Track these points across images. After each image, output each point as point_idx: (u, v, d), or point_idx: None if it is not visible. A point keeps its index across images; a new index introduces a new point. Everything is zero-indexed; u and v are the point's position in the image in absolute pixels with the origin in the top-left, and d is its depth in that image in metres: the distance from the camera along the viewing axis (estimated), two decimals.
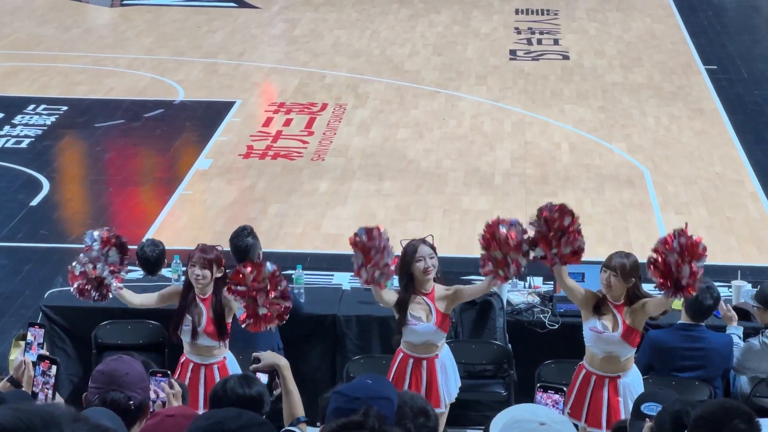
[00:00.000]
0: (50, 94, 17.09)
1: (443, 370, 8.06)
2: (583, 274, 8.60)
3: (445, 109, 16.69)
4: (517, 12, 22.26)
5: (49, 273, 11.42)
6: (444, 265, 8.73)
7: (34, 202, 13.38)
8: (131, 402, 4.75)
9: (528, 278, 9.68)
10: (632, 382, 7.83)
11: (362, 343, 9.16)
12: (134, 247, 9.76)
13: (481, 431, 8.79)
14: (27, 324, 5.87)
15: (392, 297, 8.00)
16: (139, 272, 9.55)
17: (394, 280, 8.37)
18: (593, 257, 8.74)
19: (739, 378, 8.61)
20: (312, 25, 21.16)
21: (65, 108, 16.50)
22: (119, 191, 13.97)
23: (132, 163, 14.82)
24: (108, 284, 7.77)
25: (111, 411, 4.58)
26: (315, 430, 4.55)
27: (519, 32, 20.90)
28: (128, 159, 14.93)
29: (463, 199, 13.52)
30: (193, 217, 13.18)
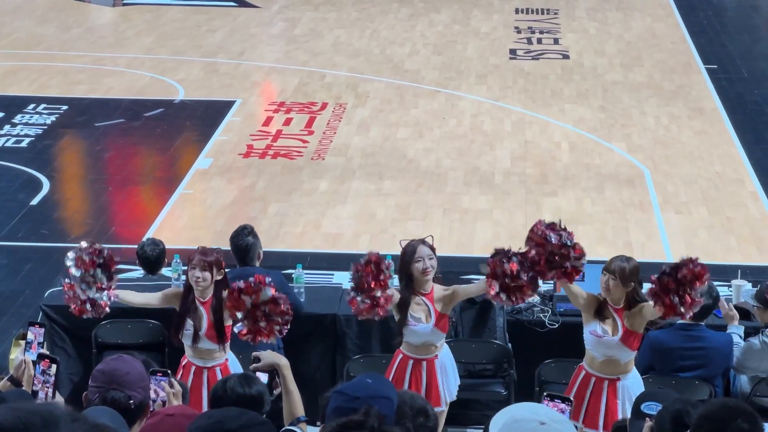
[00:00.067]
0: (50, 94, 17.09)
1: (443, 370, 8.06)
2: (584, 274, 8.58)
3: (445, 109, 16.68)
4: (517, 11, 22.25)
5: (50, 272, 11.42)
6: (443, 265, 8.73)
7: (34, 202, 13.38)
8: (131, 401, 4.75)
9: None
10: (632, 385, 7.82)
11: (362, 343, 9.16)
12: (134, 247, 9.78)
13: (481, 430, 8.80)
14: (27, 323, 5.86)
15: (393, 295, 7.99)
16: (140, 271, 9.55)
17: (395, 280, 8.37)
18: (594, 257, 8.74)
19: (740, 377, 8.61)
20: (312, 25, 21.16)
21: (65, 107, 16.50)
22: (119, 190, 13.96)
23: (132, 163, 14.81)
24: (100, 303, 7.64)
25: (113, 410, 4.58)
26: (315, 430, 4.55)
27: (519, 31, 20.89)
28: (128, 158, 14.93)
29: (463, 199, 13.52)
30: (194, 217, 13.18)
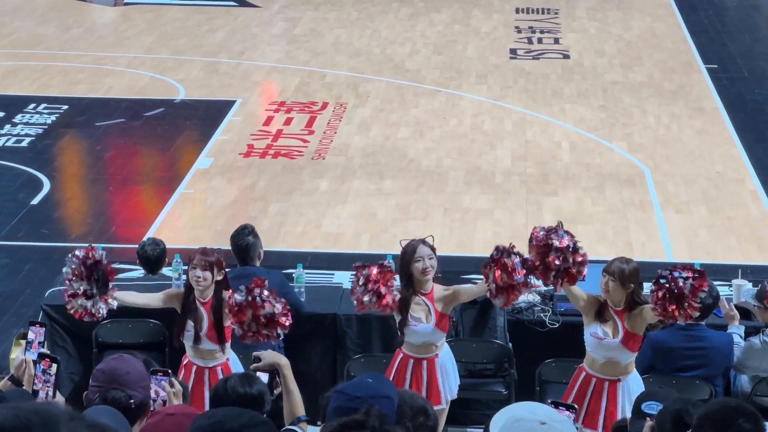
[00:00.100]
0: (51, 93, 17.09)
1: (443, 370, 8.06)
2: (584, 274, 8.57)
3: (446, 108, 16.68)
4: (518, 11, 22.25)
5: (50, 272, 11.42)
6: (444, 264, 8.73)
7: (35, 201, 13.38)
8: (132, 401, 4.74)
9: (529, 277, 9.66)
10: (632, 385, 7.82)
11: (363, 342, 9.16)
12: (134, 246, 9.78)
13: (482, 430, 8.80)
14: (28, 323, 5.86)
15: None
16: (140, 271, 9.55)
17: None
18: (594, 256, 8.73)
19: (740, 377, 8.61)
20: (312, 24, 21.16)
21: (65, 107, 16.50)
22: (120, 190, 13.97)
23: (132, 162, 14.81)
24: (98, 310, 7.63)
25: (115, 410, 4.58)
26: (316, 429, 4.55)
27: (519, 31, 20.89)
28: (129, 158, 14.93)
29: (464, 198, 13.52)
30: (194, 216, 13.18)
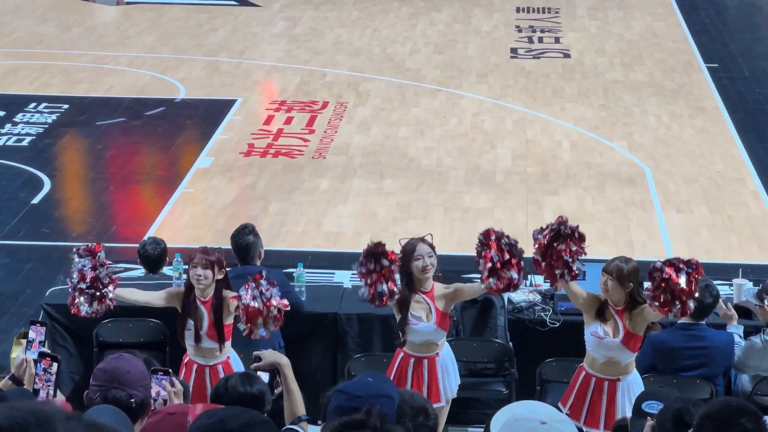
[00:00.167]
0: (51, 93, 17.09)
1: (444, 368, 8.06)
2: (584, 273, 8.58)
3: (446, 108, 16.68)
4: (518, 10, 22.24)
5: (51, 271, 11.43)
6: (444, 263, 8.73)
7: (36, 201, 13.38)
8: (132, 400, 4.74)
9: (529, 277, 9.68)
10: (632, 385, 7.82)
11: (363, 342, 9.15)
12: (135, 246, 9.78)
13: (482, 429, 8.80)
14: (28, 322, 5.86)
15: None
16: (141, 270, 9.55)
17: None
18: (594, 255, 8.74)
19: (741, 376, 8.61)
20: (313, 24, 21.15)
21: (66, 106, 16.50)
22: (120, 189, 13.96)
23: (133, 162, 14.81)
24: (98, 309, 7.68)
25: (118, 409, 4.58)
26: (316, 429, 4.55)
27: (520, 30, 20.88)
28: (129, 157, 14.93)
29: (464, 198, 13.52)
30: (194, 216, 13.18)
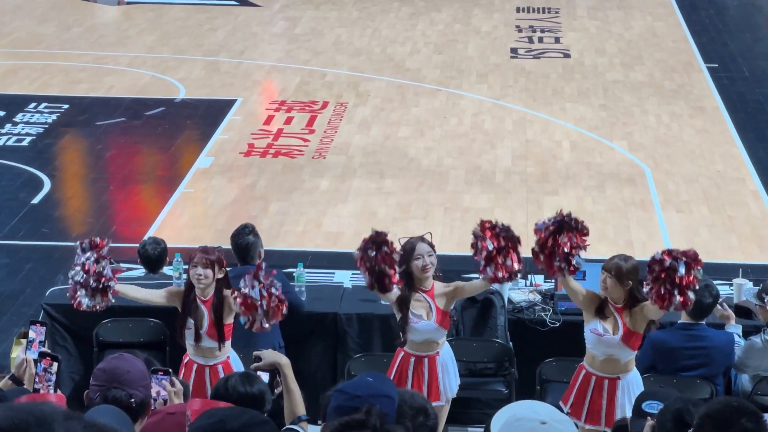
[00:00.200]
0: (51, 93, 17.09)
1: (444, 368, 8.06)
2: (584, 273, 8.58)
3: (446, 108, 16.67)
4: (518, 10, 22.24)
5: (51, 271, 11.43)
6: (444, 263, 8.73)
7: (36, 201, 13.37)
8: (132, 400, 4.74)
9: (529, 276, 9.69)
10: (632, 383, 7.83)
11: (363, 341, 9.15)
12: (135, 246, 9.78)
13: (482, 429, 8.80)
14: (28, 322, 5.86)
15: (392, 293, 7.99)
16: (141, 270, 9.55)
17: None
18: (594, 255, 8.73)
19: (741, 376, 8.61)
20: (313, 24, 21.15)
21: (66, 106, 16.49)
22: (120, 189, 13.96)
23: (133, 161, 14.81)
24: (98, 303, 7.69)
25: (119, 409, 4.57)
26: (316, 429, 4.54)
27: (520, 30, 20.88)
28: (129, 157, 14.92)
29: (464, 197, 13.52)
30: (194, 216, 13.18)
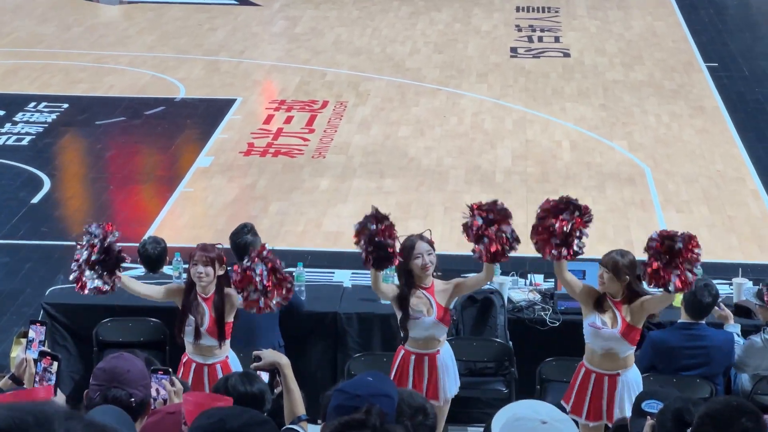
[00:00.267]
0: (51, 92, 17.09)
1: (444, 368, 8.06)
2: (584, 272, 8.59)
3: (446, 107, 16.68)
4: (518, 9, 22.25)
5: (51, 271, 11.42)
6: (444, 263, 8.73)
7: (35, 200, 13.37)
8: (132, 399, 4.74)
9: (529, 276, 9.69)
10: (632, 380, 7.84)
11: (363, 341, 9.15)
12: (135, 245, 9.77)
13: (482, 429, 8.79)
14: (28, 321, 5.86)
15: (390, 289, 7.99)
16: (141, 270, 9.55)
17: (394, 278, 8.37)
18: (595, 255, 8.74)
19: (740, 375, 8.61)
20: (313, 23, 21.16)
21: (66, 105, 16.49)
22: (120, 189, 13.96)
23: (133, 161, 14.81)
24: (101, 289, 7.68)
25: (120, 409, 4.57)
26: (316, 428, 4.55)
27: (520, 30, 20.89)
28: (129, 157, 14.92)
29: (464, 197, 13.47)
30: (194, 215, 13.18)
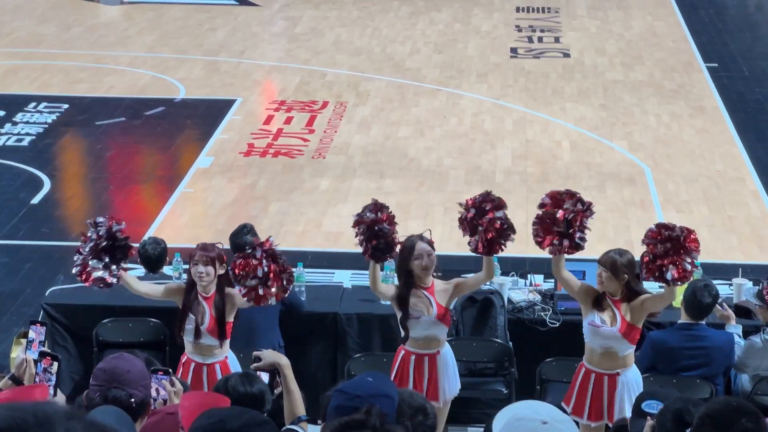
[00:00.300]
0: (51, 92, 17.09)
1: (444, 368, 8.05)
2: (584, 272, 8.59)
3: (446, 107, 16.68)
4: (518, 10, 22.25)
5: (51, 271, 11.42)
6: (444, 263, 8.73)
7: (35, 200, 13.37)
8: (132, 399, 4.74)
9: (529, 276, 9.69)
10: (631, 379, 7.84)
11: (363, 341, 9.15)
12: (135, 245, 9.77)
13: (482, 429, 8.79)
14: (28, 322, 5.86)
15: (389, 290, 8.00)
16: (141, 270, 9.55)
17: (394, 279, 8.37)
18: (594, 255, 8.74)
19: (741, 376, 8.61)
20: (313, 23, 21.15)
21: (66, 106, 16.49)
22: (120, 189, 13.96)
23: (133, 161, 14.81)
24: (105, 279, 7.72)
25: (121, 410, 4.57)
26: (316, 429, 4.55)
27: (520, 30, 20.89)
28: (129, 157, 14.93)
29: (464, 198, 13.46)
30: (194, 215, 13.18)
